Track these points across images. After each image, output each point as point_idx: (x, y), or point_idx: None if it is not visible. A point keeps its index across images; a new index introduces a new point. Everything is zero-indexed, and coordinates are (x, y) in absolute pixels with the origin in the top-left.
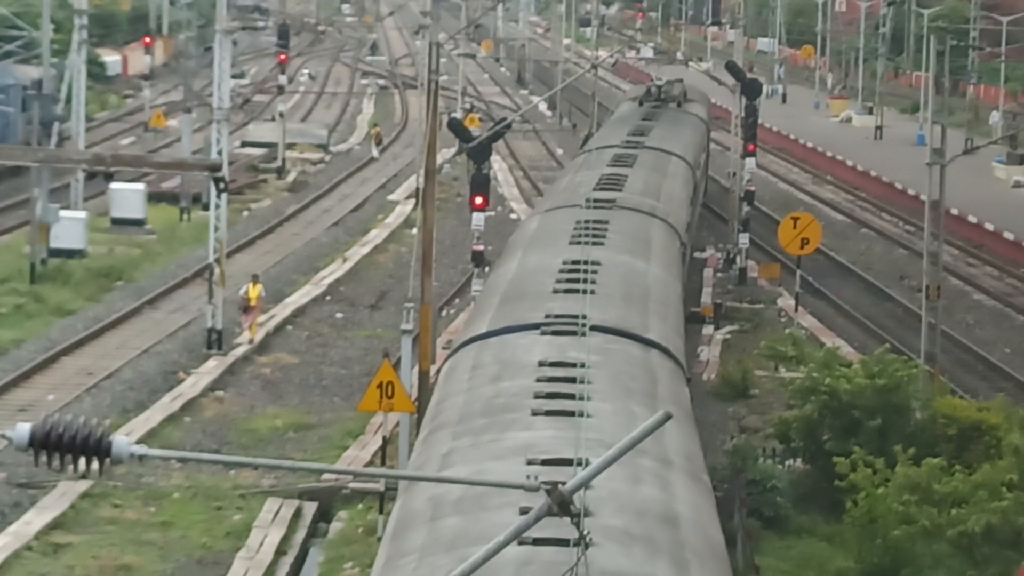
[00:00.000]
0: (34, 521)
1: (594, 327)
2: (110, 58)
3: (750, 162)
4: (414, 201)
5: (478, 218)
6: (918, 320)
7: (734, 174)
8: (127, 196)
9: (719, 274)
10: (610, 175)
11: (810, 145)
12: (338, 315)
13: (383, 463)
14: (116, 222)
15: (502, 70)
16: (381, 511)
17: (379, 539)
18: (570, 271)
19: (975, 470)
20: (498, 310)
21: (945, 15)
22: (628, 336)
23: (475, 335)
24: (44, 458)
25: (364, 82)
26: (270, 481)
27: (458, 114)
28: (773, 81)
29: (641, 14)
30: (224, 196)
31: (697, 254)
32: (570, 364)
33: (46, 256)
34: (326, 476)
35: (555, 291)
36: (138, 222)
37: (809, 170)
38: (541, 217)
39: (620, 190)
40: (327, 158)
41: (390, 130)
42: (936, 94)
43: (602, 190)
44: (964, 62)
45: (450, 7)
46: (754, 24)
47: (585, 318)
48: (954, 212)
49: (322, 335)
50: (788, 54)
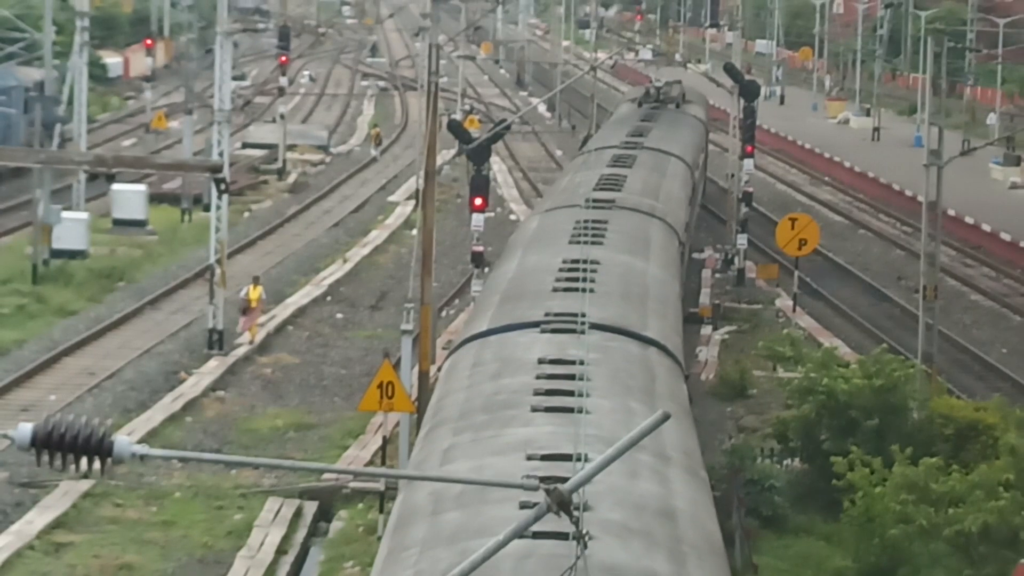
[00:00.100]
0: (36, 520)
1: (593, 325)
2: (112, 60)
3: (748, 163)
4: (414, 202)
5: (478, 219)
6: (915, 320)
7: (732, 175)
8: (129, 197)
9: (717, 275)
10: (609, 175)
11: (808, 146)
12: (338, 315)
13: (383, 463)
14: (118, 223)
15: (501, 72)
16: (381, 510)
17: (379, 538)
18: (570, 270)
19: (972, 470)
20: (498, 308)
21: (942, 17)
22: (627, 334)
23: (476, 333)
24: (46, 458)
25: (364, 84)
26: (271, 481)
27: (458, 116)
28: (771, 83)
29: (640, 16)
30: (225, 197)
31: (696, 255)
32: (569, 361)
33: (48, 257)
34: (327, 476)
35: (555, 290)
36: (139, 223)
37: (807, 171)
38: (541, 217)
39: (619, 190)
40: (327, 159)
41: (390, 131)
42: (933, 96)
43: (601, 190)
44: (961, 64)
45: (450, 9)
46: (752, 26)
47: (584, 316)
48: (951, 213)
49: (323, 335)
50: (786, 56)
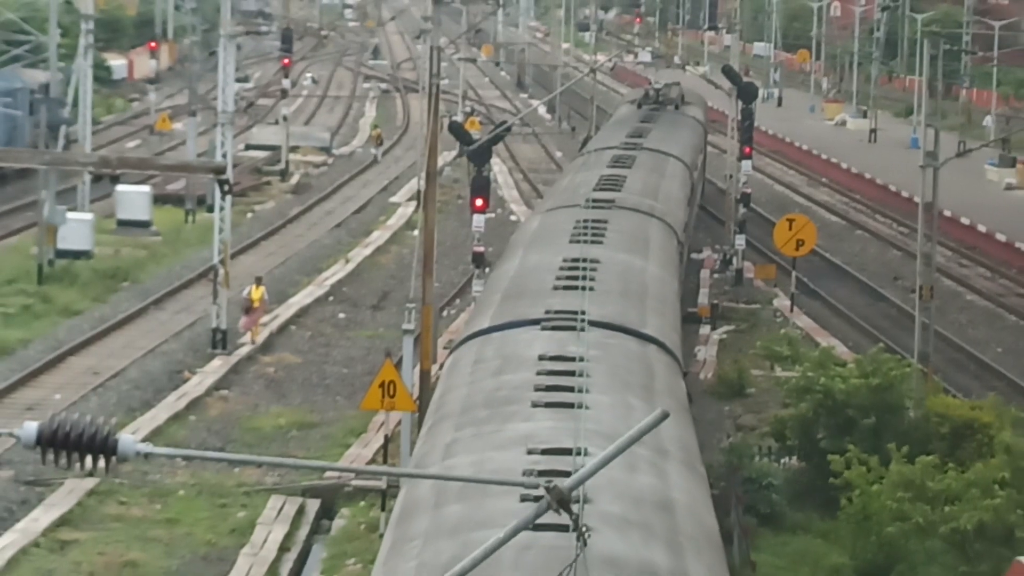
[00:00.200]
0: (41, 518)
1: (593, 322)
2: (116, 62)
3: (746, 165)
4: (415, 203)
5: (478, 220)
6: (911, 320)
7: (730, 176)
8: (133, 198)
9: (716, 275)
10: (609, 176)
11: (805, 148)
12: (341, 315)
13: (385, 461)
14: (122, 224)
15: (502, 74)
16: (383, 508)
17: (381, 535)
18: (570, 268)
19: (968, 468)
20: (500, 306)
21: (938, 20)
22: (626, 331)
23: (478, 330)
24: (51, 456)
25: (366, 86)
26: (274, 479)
27: (459, 117)
28: (769, 85)
29: (639, 19)
30: (228, 198)
31: (694, 255)
32: (569, 358)
33: (53, 257)
34: (329, 474)
35: (555, 288)
36: (144, 224)
37: (804, 172)
38: (542, 217)
39: (619, 190)
40: (330, 161)
41: (392, 133)
42: (929, 98)
43: (601, 190)
44: (957, 66)
45: (451, 12)
46: (750, 29)
47: (584, 314)
48: (947, 214)
49: (325, 335)
50: (784, 58)
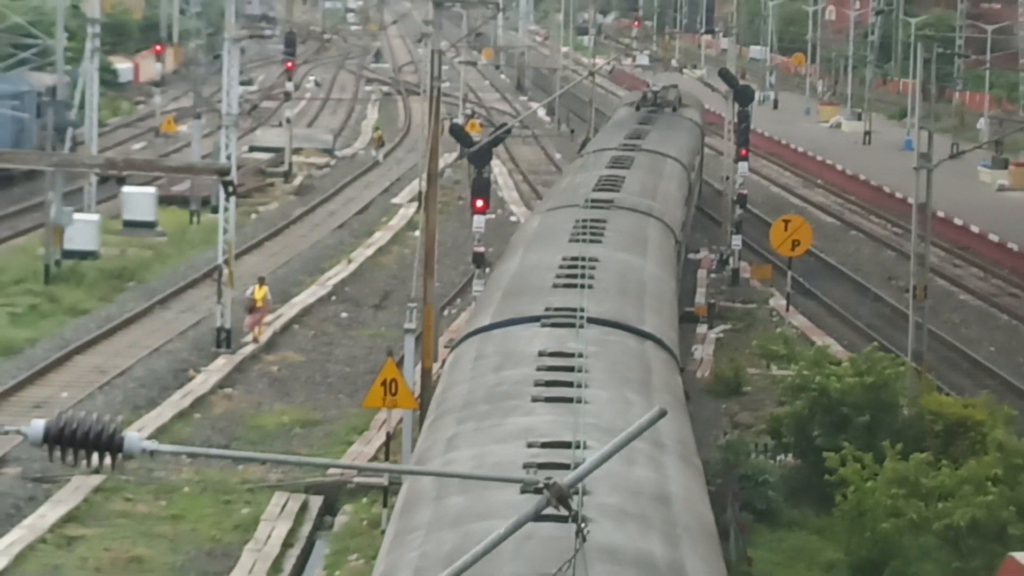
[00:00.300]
0: (48, 514)
1: (592, 319)
2: (122, 65)
3: (743, 166)
4: (417, 204)
5: (479, 220)
6: (905, 319)
7: (727, 178)
8: (138, 199)
9: (713, 275)
10: (608, 176)
11: (801, 150)
12: (343, 315)
13: (387, 458)
14: (128, 225)
15: (502, 77)
16: (385, 504)
17: (383, 531)
18: (569, 267)
19: (961, 465)
20: (501, 304)
21: (931, 24)
22: (624, 328)
23: (479, 327)
24: (58, 453)
25: (368, 89)
26: (277, 476)
27: (459, 120)
28: (765, 88)
29: (637, 23)
30: (232, 199)
31: (691, 256)
32: (568, 354)
33: (60, 257)
34: (331, 471)
35: (555, 286)
36: (149, 225)
37: (800, 174)
38: (542, 216)
39: (618, 191)
40: (332, 162)
41: (393, 135)
42: (923, 100)
43: (600, 191)
44: (950, 69)
45: (452, 16)
46: (746, 32)
47: (583, 311)
48: (940, 215)
49: (328, 334)
50: (779, 61)
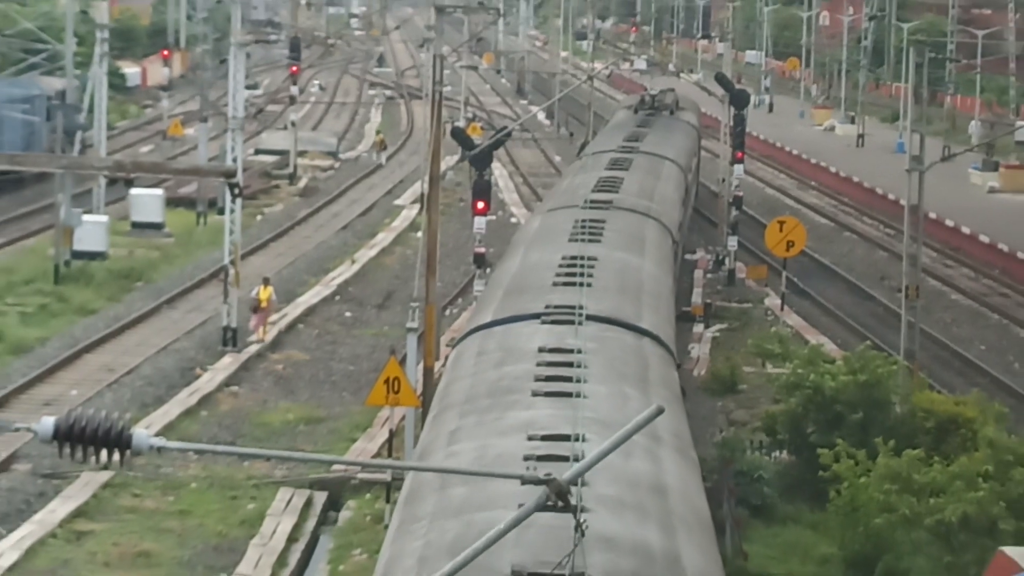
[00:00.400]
0: (58, 510)
1: (590, 317)
2: (130, 70)
3: (738, 169)
4: (419, 206)
5: (480, 222)
6: (898, 319)
7: (723, 180)
8: (146, 201)
9: (709, 275)
10: (607, 178)
11: (795, 152)
12: (347, 314)
13: (390, 455)
14: (136, 226)
15: (503, 81)
16: (388, 500)
17: (386, 527)
18: (569, 266)
19: (952, 461)
20: (502, 301)
21: (924, 29)
22: (622, 325)
23: (481, 324)
24: (68, 450)
25: (372, 93)
26: (282, 472)
27: (461, 123)
28: (760, 92)
29: (635, 28)
30: (239, 201)
31: (688, 256)
32: (568, 350)
33: (69, 258)
34: (335, 467)
35: (555, 284)
36: (157, 226)
37: (794, 176)
38: (542, 217)
39: (616, 192)
40: (336, 165)
41: (396, 138)
42: (915, 104)
43: (599, 192)
44: (942, 74)
45: (453, 21)
46: (742, 37)
47: (582, 308)
48: (932, 216)
49: (332, 333)
50: (774, 66)
